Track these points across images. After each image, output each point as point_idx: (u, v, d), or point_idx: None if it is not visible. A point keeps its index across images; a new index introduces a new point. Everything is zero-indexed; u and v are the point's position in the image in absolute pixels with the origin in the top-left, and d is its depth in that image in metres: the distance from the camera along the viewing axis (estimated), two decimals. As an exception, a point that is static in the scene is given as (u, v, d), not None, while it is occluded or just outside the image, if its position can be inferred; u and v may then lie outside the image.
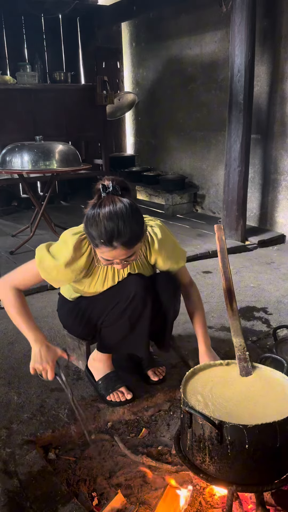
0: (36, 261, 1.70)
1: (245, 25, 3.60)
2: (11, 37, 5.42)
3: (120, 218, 1.47)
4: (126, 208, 1.48)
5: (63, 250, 1.67)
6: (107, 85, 5.24)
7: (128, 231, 1.48)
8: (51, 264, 1.67)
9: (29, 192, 4.00)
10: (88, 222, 1.52)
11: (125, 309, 1.76)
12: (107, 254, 1.54)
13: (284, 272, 3.52)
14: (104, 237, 1.48)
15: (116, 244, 1.49)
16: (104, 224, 1.47)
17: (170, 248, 1.80)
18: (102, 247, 1.52)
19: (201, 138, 5.16)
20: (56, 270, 1.67)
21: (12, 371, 2.16)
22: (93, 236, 1.51)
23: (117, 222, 1.46)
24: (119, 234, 1.47)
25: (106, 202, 1.49)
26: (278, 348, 1.90)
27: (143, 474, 1.58)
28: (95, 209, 1.50)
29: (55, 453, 1.69)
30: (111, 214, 1.47)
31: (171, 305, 1.86)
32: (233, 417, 1.29)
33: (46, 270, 1.68)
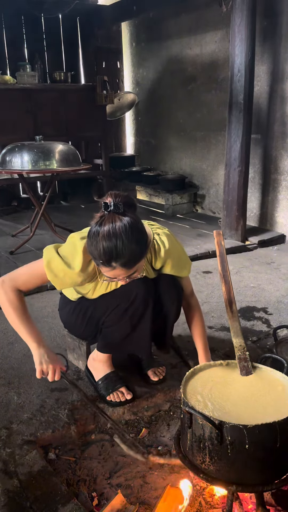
0: (44, 262, 1.66)
1: (245, 25, 3.60)
2: (11, 37, 5.42)
3: (119, 239, 1.43)
4: (126, 228, 1.44)
5: (72, 254, 1.65)
6: (107, 85, 5.24)
7: (126, 252, 1.44)
8: (59, 266, 1.65)
9: (29, 192, 4.00)
10: (89, 241, 1.50)
11: (126, 309, 1.76)
12: (107, 273, 1.53)
13: (284, 272, 3.52)
14: (102, 257, 1.45)
15: (115, 265, 1.47)
16: (103, 244, 1.43)
17: (176, 258, 1.80)
18: (101, 267, 1.51)
19: (201, 138, 5.16)
20: (63, 272, 1.65)
21: (12, 371, 2.16)
22: (94, 255, 1.50)
23: (115, 243, 1.43)
24: (118, 255, 1.44)
25: (107, 221, 1.45)
26: (278, 348, 1.90)
27: (143, 474, 1.58)
28: (95, 228, 1.47)
29: (55, 453, 1.69)
30: (110, 234, 1.43)
31: (173, 307, 1.87)
32: (233, 417, 1.29)
33: (53, 271, 1.65)
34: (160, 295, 1.82)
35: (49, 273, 1.66)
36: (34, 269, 1.71)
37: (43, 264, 1.66)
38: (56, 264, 1.65)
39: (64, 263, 1.64)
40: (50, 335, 2.51)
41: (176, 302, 1.87)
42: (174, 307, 1.87)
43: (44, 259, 1.67)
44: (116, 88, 6.11)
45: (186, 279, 1.92)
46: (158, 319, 1.86)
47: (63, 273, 1.65)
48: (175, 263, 1.80)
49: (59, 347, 2.35)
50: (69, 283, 1.71)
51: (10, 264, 3.54)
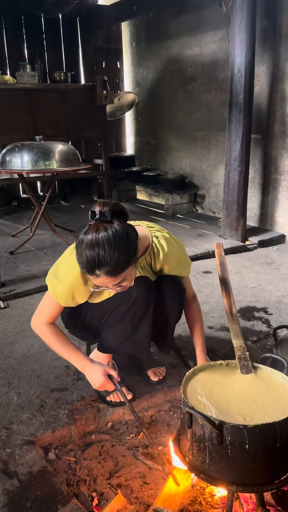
0: (51, 292, 1.74)
1: (245, 25, 3.60)
2: (11, 37, 5.42)
3: (101, 247, 1.41)
4: (109, 237, 1.42)
5: (70, 273, 1.66)
6: (107, 85, 5.24)
7: (109, 260, 1.42)
8: (64, 290, 1.70)
9: (29, 192, 4.00)
10: (76, 249, 1.50)
11: (127, 310, 1.76)
12: (94, 281, 1.53)
13: (284, 272, 3.52)
14: (86, 266, 1.45)
15: (99, 273, 1.46)
16: (85, 253, 1.43)
17: (175, 261, 1.81)
18: (87, 275, 1.52)
19: (201, 138, 5.16)
20: (71, 294, 1.70)
21: (12, 371, 2.16)
22: (80, 263, 1.50)
23: (97, 252, 1.42)
24: (100, 264, 1.43)
25: (91, 230, 1.44)
26: (278, 348, 1.90)
27: (143, 474, 1.58)
28: (81, 236, 1.46)
29: (55, 453, 1.69)
30: (92, 243, 1.42)
31: (175, 308, 1.87)
32: (233, 417, 1.29)
33: (62, 297, 1.72)
34: (162, 296, 1.82)
35: (60, 301, 1.73)
36: (49, 303, 1.78)
37: (51, 295, 1.74)
38: (61, 291, 1.71)
39: (65, 287, 1.69)
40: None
41: (178, 303, 1.87)
42: (176, 308, 1.87)
43: (49, 289, 1.75)
44: (116, 88, 6.11)
45: (185, 280, 1.93)
46: (160, 320, 1.86)
47: (71, 295, 1.71)
48: (174, 265, 1.81)
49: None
50: (81, 299, 1.76)
51: (10, 264, 3.54)
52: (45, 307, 1.80)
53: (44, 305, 1.81)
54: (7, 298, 2.97)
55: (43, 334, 1.80)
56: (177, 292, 1.85)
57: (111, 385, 1.72)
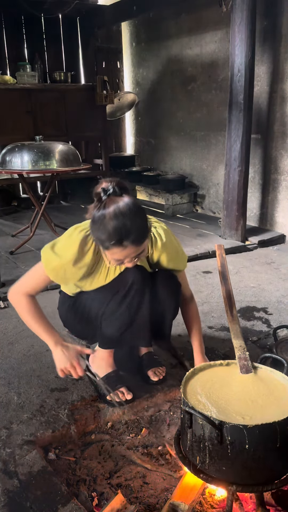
0: (43, 264, 1.71)
1: (245, 25, 3.60)
2: (11, 37, 5.42)
3: (126, 217, 1.47)
4: (129, 206, 1.49)
5: (69, 248, 1.67)
6: (107, 85, 5.24)
7: (135, 228, 1.49)
8: (57, 264, 1.68)
9: (29, 192, 4.00)
10: (95, 226, 1.52)
11: (124, 297, 1.77)
12: (118, 254, 1.54)
13: (284, 272, 3.52)
14: (113, 238, 1.48)
15: (126, 243, 1.50)
16: (112, 225, 1.47)
17: (173, 251, 1.82)
18: (113, 248, 1.52)
19: (201, 138, 5.16)
20: (63, 269, 1.69)
21: (12, 371, 2.16)
22: (102, 239, 1.51)
23: (123, 221, 1.47)
24: (128, 233, 1.48)
25: (109, 204, 1.49)
26: (278, 348, 1.90)
27: (143, 474, 1.58)
28: (99, 212, 1.50)
29: (55, 453, 1.69)
30: (116, 214, 1.47)
31: (172, 301, 1.87)
32: (233, 417, 1.29)
33: (54, 271, 1.70)
34: (158, 290, 1.83)
35: (50, 273, 1.71)
36: (37, 274, 1.75)
37: (43, 267, 1.70)
38: (55, 264, 1.68)
39: (61, 261, 1.67)
40: (50, 335, 2.51)
41: (174, 296, 1.87)
42: (172, 301, 1.88)
43: (42, 261, 1.71)
44: (116, 88, 6.11)
45: (182, 274, 1.93)
46: (157, 314, 1.87)
47: (63, 270, 1.69)
48: (172, 256, 1.82)
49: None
50: (71, 278, 1.74)
51: (10, 264, 3.54)
52: (32, 278, 1.76)
53: (30, 276, 1.77)
54: (7, 298, 2.97)
55: (19, 304, 1.74)
56: (172, 285, 1.86)
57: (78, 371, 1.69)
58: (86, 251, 1.68)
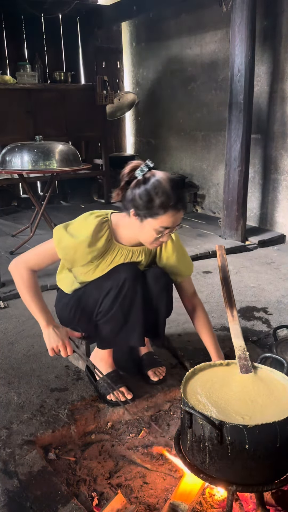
0: (55, 241, 1.73)
1: (245, 25, 3.60)
2: (11, 37, 5.42)
3: (176, 184, 1.62)
4: (173, 177, 1.65)
5: (84, 230, 1.70)
6: (107, 85, 5.25)
7: (184, 195, 1.63)
8: (70, 243, 1.70)
9: (29, 192, 3.99)
10: (147, 194, 1.58)
11: (116, 296, 1.77)
12: (169, 220, 1.62)
13: (284, 272, 3.52)
14: (173, 200, 1.58)
15: (180, 207, 1.62)
16: (169, 188, 1.57)
17: (182, 254, 1.89)
18: (168, 212, 1.59)
19: (201, 138, 5.15)
20: (74, 250, 1.71)
21: (12, 371, 2.16)
22: (156, 205, 1.58)
23: (176, 186, 1.61)
24: (182, 196, 1.63)
25: (157, 173, 1.61)
26: (278, 348, 1.90)
27: (143, 474, 1.58)
28: (152, 181, 1.59)
29: (55, 453, 1.69)
30: (170, 180, 1.60)
31: (163, 296, 1.88)
32: (233, 417, 1.29)
33: (64, 250, 1.72)
34: (149, 287, 1.84)
35: (60, 252, 1.73)
36: (45, 250, 1.77)
37: (54, 244, 1.73)
38: (67, 243, 1.71)
39: (74, 240, 1.69)
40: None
41: (165, 291, 1.88)
42: (164, 297, 1.88)
43: (54, 238, 1.73)
44: (116, 88, 6.11)
45: (188, 280, 1.95)
46: (151, 311, 1.87)
47: (73, 250, 1.71)
48: (180, 259, 1.87)
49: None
50: (79, 261, 1.75)
51: (10, 264, 3.54)
52: (38, 253, 1.78)
53: (37, 251, 1.78)
54: (7, 298, 2.97)
55: (20, 277, 1.75)
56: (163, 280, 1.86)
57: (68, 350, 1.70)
58: (100, 236, 1.71)
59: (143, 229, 1.68)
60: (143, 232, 1.69)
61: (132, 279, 1.77)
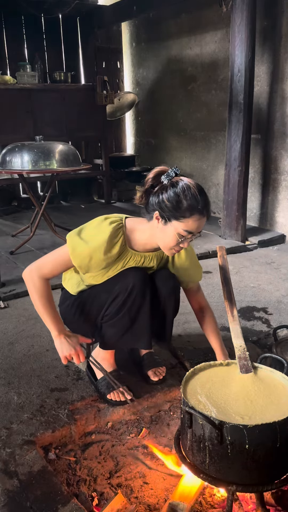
0: (69, 249, 1.72)
1: (245, 25, 3.60)
2: (11, 37, 5.42)
3: (204, 191, 1.64)
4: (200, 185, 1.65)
5: (99, 237, 1.69)
6: (107, 85, 5.25)
7: (209, 202, 1.65)
8: (85, 251, 1.69)
9: (29, 192, 4.00)
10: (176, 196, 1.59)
11: (124, 301, 1.77)
12: (194, 224, 1.61)
13: (284, 272, 3.52)
14: (201, 204, 1.59)
15: (205, 212, 1.62)
16: (197, 193, 1.59)
17: (194, 259, 1.92)
18: (193, 216, 1.59)
19: (201, 138, 5.15)
20: (89, 256, 1.70)
21: (12, 371, 2.15)
22: (183, 208, 1.58)
23: (205, 193, 1.63)
24: (208, 203, 1.63)
25: (185, 179, 1.62)
26: (278, 348, 1.90)
27: (143, 474, 1.58)
28: (180, 185, 1.60)
29: (55, 453, 1.69)
30: (198, 186, 1.62)
31: (171, 298, 1.88)
32: (233, 417, 1.29)
33: (79, 257, 1.71)
34: (157, 289, 1.84)
35: (75, 259, 1.72)
36: (59, 257, 1.77)
37: (68, 251, 1.72)
38: (81, 250, 1.70)
39: (89, 248, 1.69)
40: (50, 335, 2.49)
41: (173, 294, 1.88)
42: (172, 300, 1.88)
43: (68, 246, 1.72)
44: (116, 88, 6.11)
45: (198, 285, 1.99)
46: (157, 313, 1.87)
47: (89, 258, 1.70)
48: (193, 263, 1.90)
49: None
50: (95, 267, 1.75)
51: (10, 264, 3.54)
52: (53, 260, 1.77)
53: (51, 258, 1.77)
54: (7, 298, 2.97)
55: (33, 286, 1.74)
56: (171, 282, 1.86)
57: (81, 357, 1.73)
58: (115, 243, 1.71)
59: (166, 232, 1.66)
60: (165, 236, 1.67)
61: (141, 285, 1.76)
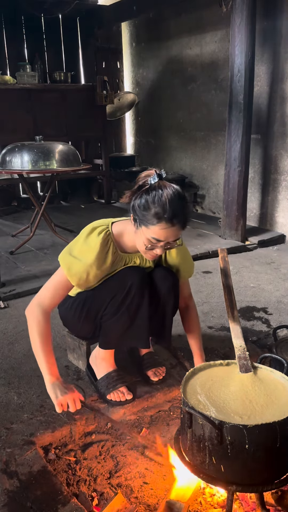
0: (64, 270, 1.71)
1: (245, 25, 3.60)
2: (11, 37, 5.42)
3: (181, 200, 1.57)
4: (183, 192, 1.60)
5: (91, 251, 1.69)
6: (107, 85, 5.25)
7: (185, 212, 1.58)
8: (80, 268, 1.69)
9: (29, 192, 4.00)
10: (146, 202, 1.56)
11: (123, 300, 1.77)
12: (161, 232, 1.57)
13: (284, 272, 3.52)
14: (168, 213, 1.53)
15: (175, 222, 1.56)
16: (168, 201, 1.53)
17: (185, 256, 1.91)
18: (160, 224, 1.55)
19: (201, 138, 5.16)
20: (86, 272, 1.70)
21: (12, 371, 2.16)
22: (151, 214, 1.55)
23: (178, 201, 1.55)
24: (180, 213, 1.55)
25: (165, 185, 1.57)
26: (278, 348, 1.90)
27: (143, 474, 1.58)
28: (155, 191, 1.56)
29: (55, 453, 1.69)
30: (175, 194, 1.56)
31: (170, 297, 1.88)
32: (233, 417, 1.29)
33: (76, 275, 1.70)
34: (156, 287, 1.84)
35: (72, 279, 1.71)
36: (57, 283, 1.74)
37: (64, 273, 1.71)
38: (77, 269, 1.70)
39: (83, 264, 1.69)
40: (50, 335, 2.51)
41: (172, 292, 1.88)
42: (171, 298, 1.88)
43: (63, 268, 1.72)
44: (116, 88, 6.11)
45: (187, 281, 1.97)
46: (157, 312, 1.87)
47: (85, 274, 1.70)
48: (183, 260, 1.89)
49: (59, 347, 2.35)
50: (93, 281, 1.75)
51: (10, 264, 3.54)
52: (51, 288, 1.74)
53: (49, 287, 1.74)
54: (7, 298, 2.97)
55: (34, 321, 1.69)
56: (170, 281, 1.86)
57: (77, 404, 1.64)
58: (106, 252, 1.71)
59: (138, 237, 1.66)
60: (137, 240, 1.67)
61: (139, 283, 1.76)
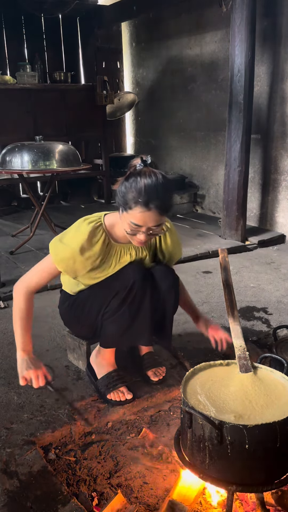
0: (52, 256, 1.74)
1: (245, 25, 3.60)
2: (11, 37, 5.42)
3: (159, 185, 1.56)
4: (164, 178, 1.59)
5: (77, 239, 1.71)
6: (107, 85, 5.25)
7: (164, 196, 1.57)
8: (67, 254, 1.71)
9: (29, 192, 4.00)
10: (125, 187, 1.58)
11: (124, 298, 1.77)
12: (139, 216, 1.58)
13: (284, 272, 3.52)
14: (142, 197, 1.54)
15: (151, 206, 1.55)
16: (144, 183, 1.55)
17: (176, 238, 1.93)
18: (136, 208, 1.56)
19: (201, 138, 5.16)
20: (72, 259, 1.71)
21: (12, 371, 2.15)
22: (128, 198, 1.57)
23: (156, 185, 1.55)
24: (157, 197, 1.55)
25: (146, 171, 1.58)
26: (278, 348, 1.90)
27: (143, 474, 1.58)
28: (134, 177, 1.58)
29: (55, 453, 1.69)
30: (151, 177, 1.56)
31: (171, 295, 1.88)
32: (233, 417, 1.29)
33: (63, 261, 1.73)
34: (156, 285, 1.84)
35: (59, 264, 1.74)
36: (44, 267, 1.79)
37: (52, 259, 1.74)
38: (64, 254, 1.71)
39: (70, 250, 1.70)
40: (50, 335, 2.51)
41: (173, 288, 1.88)
42: (172, 296, 1.88)
43: (51, 253, 1.75)
44: (116, 88, 6.11)
45: None
46: (157, 310, 1.87)
47: (72, 260, 1.72)
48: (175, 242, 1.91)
49: (59, 347, 2.35)
50: (80, 269, 1.76)
51: (10, 264, 3.54)
52: (39, 270, 1.80)
53: (37, 269, 1.81)
54: (7, 298, 2.97)
55: (18, 301, 1.80)
56: (170, 279, 1.87)
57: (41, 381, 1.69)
58: (95, 242, 1.72)
59: (122, 222, 1.68)
60: (122, 225, 1.68)
61: (141, 280, 1.76)
